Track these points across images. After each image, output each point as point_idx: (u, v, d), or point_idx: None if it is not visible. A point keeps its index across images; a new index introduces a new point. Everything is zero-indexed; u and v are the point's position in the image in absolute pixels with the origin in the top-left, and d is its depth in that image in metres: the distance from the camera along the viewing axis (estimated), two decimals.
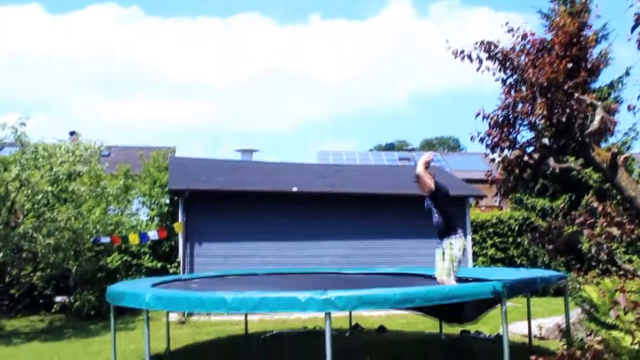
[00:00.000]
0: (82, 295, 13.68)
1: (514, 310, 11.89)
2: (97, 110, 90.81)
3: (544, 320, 9.94)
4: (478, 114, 5.06)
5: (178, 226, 14.54)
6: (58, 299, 14.69)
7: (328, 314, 5.12)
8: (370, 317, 12.19)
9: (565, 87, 4.70)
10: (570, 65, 4.75)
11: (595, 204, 4.86)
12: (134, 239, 13.87)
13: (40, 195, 11.77)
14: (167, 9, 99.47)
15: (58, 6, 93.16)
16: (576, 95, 4.77)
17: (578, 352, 4.78)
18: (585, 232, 4.71)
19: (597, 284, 8.03)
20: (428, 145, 70.13)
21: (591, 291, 7.50)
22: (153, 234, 14.12)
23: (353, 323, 11.13)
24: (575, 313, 8.51)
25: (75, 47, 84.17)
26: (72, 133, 24.72)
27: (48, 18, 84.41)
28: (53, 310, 14.40)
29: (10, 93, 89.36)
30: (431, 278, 7.35)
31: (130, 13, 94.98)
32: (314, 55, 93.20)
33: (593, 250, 4.81)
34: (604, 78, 19.13)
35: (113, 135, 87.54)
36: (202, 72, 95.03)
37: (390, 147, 62.81)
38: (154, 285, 7.57)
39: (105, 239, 13.44)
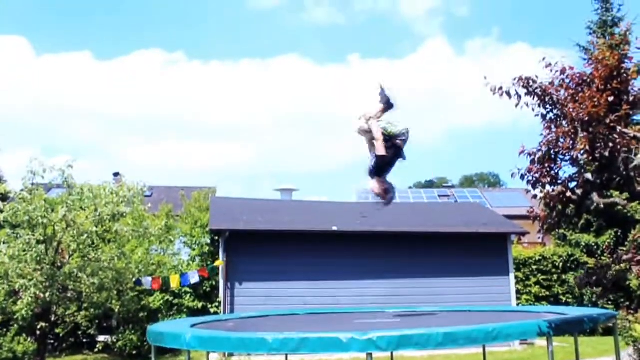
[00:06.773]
0: (124, 335, 13.82)
1: (561, 351, 11.51)
2: (139, 152, 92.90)
3: None
4: (522, 152, 5.01)
5: (219, 262, 14.72)
6: (101, 338, 14.88)
7: (370, 355, 5.05)
8: (413, 358, 11.96)
9: (607, 121, 4.64)
10: (611, 98, 4.69)
11: None
12: (174, 281, 13.99)
13: (85, 236, 12.01)
14: (210, 52, 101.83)
15: (107, 52, 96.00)
16: (619, 128, 4.70)
17: None
18: (634, 268, 4.59)
19: None
20: (468, 181, 69.53)
21: None
22: (194, 276, 14.18)
23: None
24: (626, 353, 8.20)
25: (122, 91, 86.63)
26: (116, 174, 25.30)
27: (97, 64, 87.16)
28: (96, 349, 14.56)
29: (58, 137, 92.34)
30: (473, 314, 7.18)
31: (175, 58, 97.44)
32: (352, 94, 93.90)
33: None
34: None
35: (155, 175, 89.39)
36: (242, 113, 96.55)
37: (429, 185, 62.49)
38: (194, 325, 7.57)
39: (147, 282, 13.51)
